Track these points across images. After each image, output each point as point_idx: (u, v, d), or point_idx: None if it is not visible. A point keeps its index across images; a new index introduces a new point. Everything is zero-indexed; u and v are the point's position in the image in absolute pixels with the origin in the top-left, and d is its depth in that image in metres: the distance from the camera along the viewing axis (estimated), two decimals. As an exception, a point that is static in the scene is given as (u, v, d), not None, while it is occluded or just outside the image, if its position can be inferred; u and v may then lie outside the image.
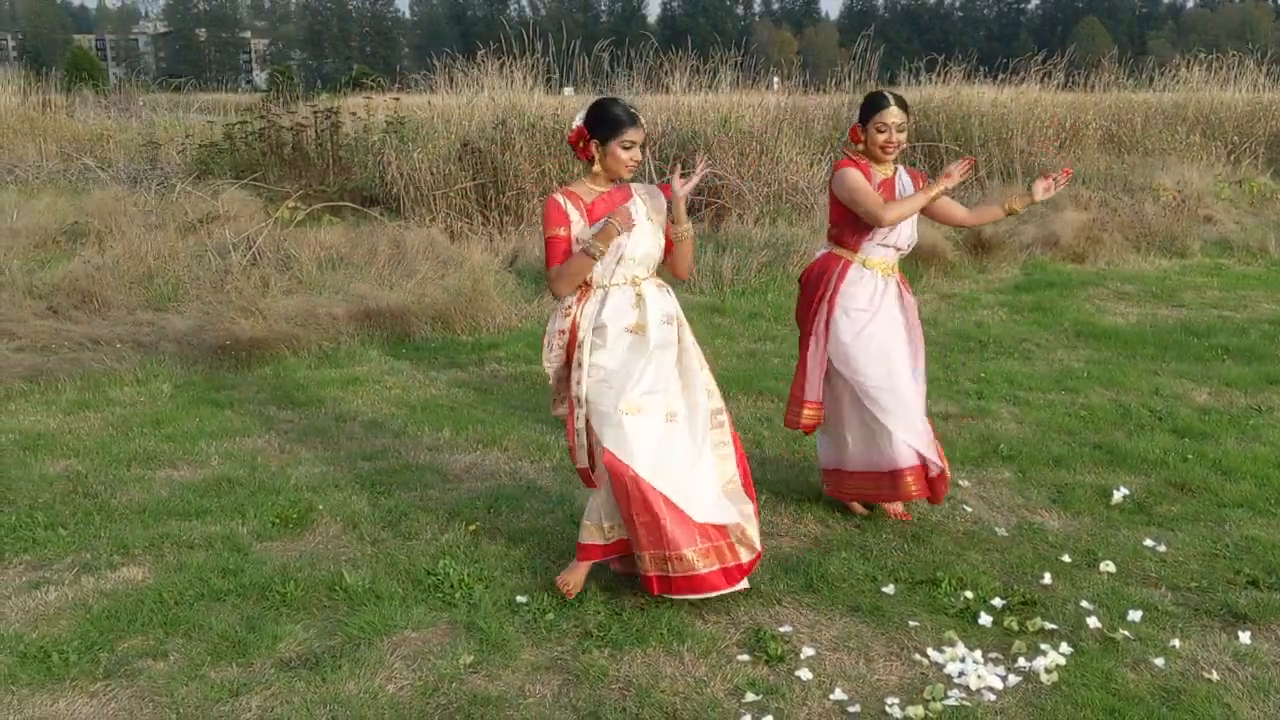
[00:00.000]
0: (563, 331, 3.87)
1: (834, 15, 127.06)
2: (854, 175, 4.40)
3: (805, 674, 3.44)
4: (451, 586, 3.98)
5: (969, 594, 3.95)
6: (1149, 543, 4.40)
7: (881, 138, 4.40)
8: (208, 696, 3.29)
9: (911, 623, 3.78)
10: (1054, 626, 3.73)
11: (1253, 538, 4.43)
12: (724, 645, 3.63)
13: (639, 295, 3.85)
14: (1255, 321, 8.36)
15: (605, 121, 3.76)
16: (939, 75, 16.06)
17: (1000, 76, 16.29)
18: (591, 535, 3.91)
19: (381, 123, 13.30)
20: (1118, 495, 4.88)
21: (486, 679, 3.42)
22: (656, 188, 4.00)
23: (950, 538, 4.50)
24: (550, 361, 3.92)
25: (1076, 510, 4.79)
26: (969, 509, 4.81)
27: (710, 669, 3.48)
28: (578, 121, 3.81)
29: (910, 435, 4.50)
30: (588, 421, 3.81)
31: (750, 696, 3.32)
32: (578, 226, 3.79)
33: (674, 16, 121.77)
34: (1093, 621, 3.73)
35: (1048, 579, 4.08)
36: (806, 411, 4.63)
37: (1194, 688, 3.34)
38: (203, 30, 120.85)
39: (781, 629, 3.74)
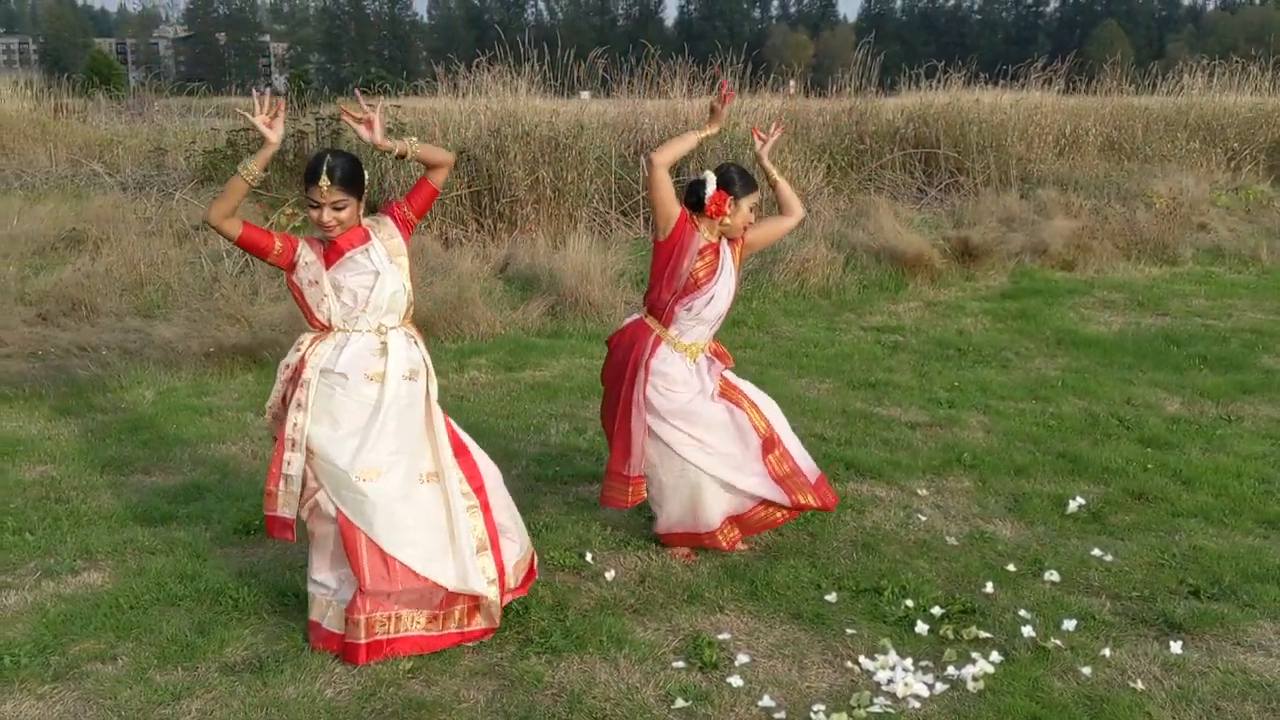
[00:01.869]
0: (289, 366, 3.68)
1: (851, 18, 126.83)
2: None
3: (736, 680, 3.51)
4: (402, 592, 4.05)
5: (910, 602, 4.01)
6: (1097, 552, 4.45)
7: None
8: (150, 699, 3.37)
9: (849, 630, 3.84)
10: (988, 635, 3.78)
11: (1201, 548, 4.47)
12: (661, 652, 3.70)
13: (383, 344, 3.67)
14: (1237, 330, 8.38)
15: (305, 172, 3.60)
16: (940, 81, 16.07)
17: (1001, 82, 16.31)
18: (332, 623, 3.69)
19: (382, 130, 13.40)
20: (1073, 505, 4.93)
21: (424, 684, 3.50)
22: (387, 218, 3.75)
23: (900, 546, 4.56)
24: (272, 396, 3.74)
25: (1030, 519, 4.84)
26: (923, 517, 4.86)
27: (644, 675, 3.55)
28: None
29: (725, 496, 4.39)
30: (305, 471, 3.60)
31: (680, 703, 3.38)
32: (308, 264, 3.62)
33: (690, 20, 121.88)
34: (1027, 630, 3.79)
35: (990, 588, 4.14)
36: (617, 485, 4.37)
37: (1118, 696, 3.39)
38: (222, 34, 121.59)
39: (720, 636, 3.80)
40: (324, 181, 3.51)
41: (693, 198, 4.28)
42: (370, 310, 3.66)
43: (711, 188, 4.23)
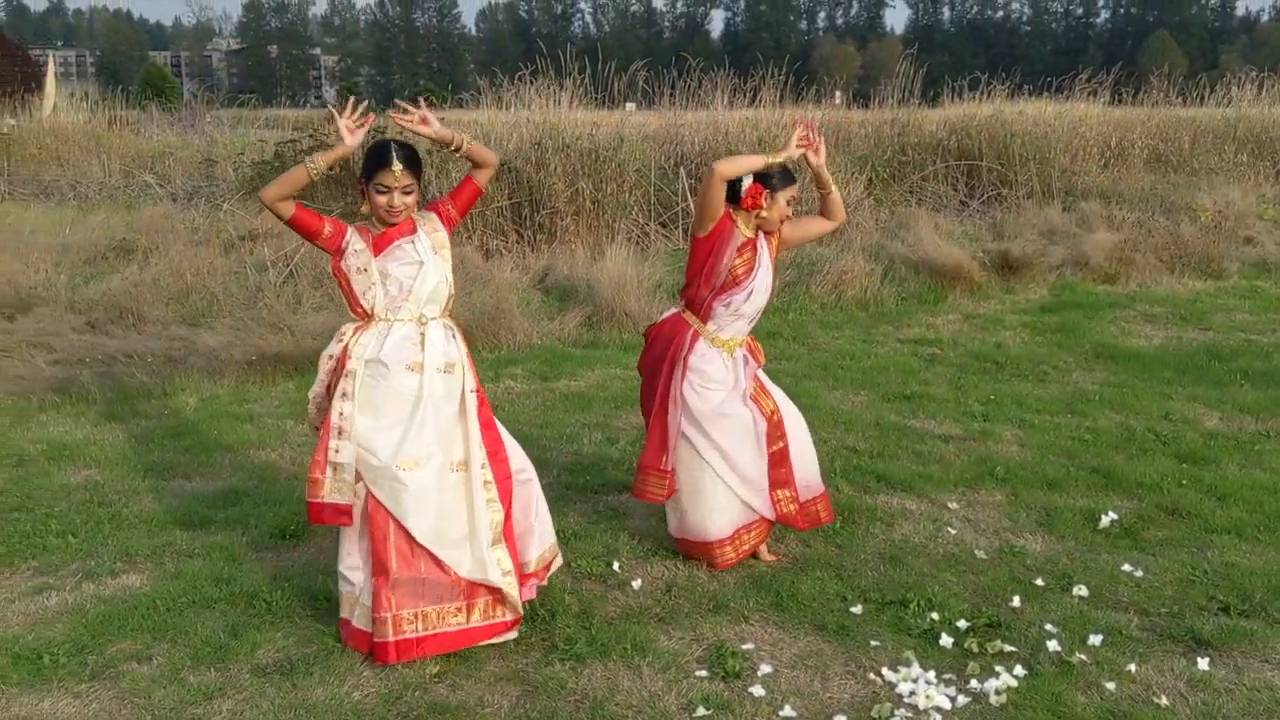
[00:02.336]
0: (332, 357, 3.77)
1: (899, 30, 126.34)
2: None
3: (758, 690, 3.53)
4: (431, 598, 4.12)
5: (935, 615, 4.00)
6: (1127, 567, 4.42)
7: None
8: (183, 699, 3.45)
9: (873, 643, 3.85)
10: (1013, 649, 3.77)
11: (1232, 564, 4.43)
12: (684, 661, 3.73)
13: (423, 335, 3.75)
14: (1281, 345, 8.27)
15: (367, 161, 3.69)
16: (983, 93, 16.00)
17: (1046, 93, 16.21)
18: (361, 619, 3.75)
19: (426, 142, 13.57)
20: (1105, 519, 4.90)
21: (449, 689, 3.55)
22: (432, 213, 3.86)
23: (928, 559, 4.56)
24: (315, 386, 3.83)
25: (1061, 534, 4.82)
26: (952, 531, 4.85)
27: (667, 684, 3.58)
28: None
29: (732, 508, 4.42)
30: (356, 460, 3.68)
31: (701, 711, 3.41)
32: (358, 251, 3.71)
33: (737, 33, 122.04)
34: (1053, 645, 3.77)
35: (1016, 602, 4.13)
36: (653, 479, 4.41)
37: (1141, 712, 3.38)
38: (274, 47, 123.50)
39: (744, 646, 3.82)
40: (396, 166, 3.61)
41: (729, 191, 4.29)
42: (412, 300, 3.74)
43: (748, 180, 4.25)
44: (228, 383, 7.14)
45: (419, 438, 3.68)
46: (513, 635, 3.83)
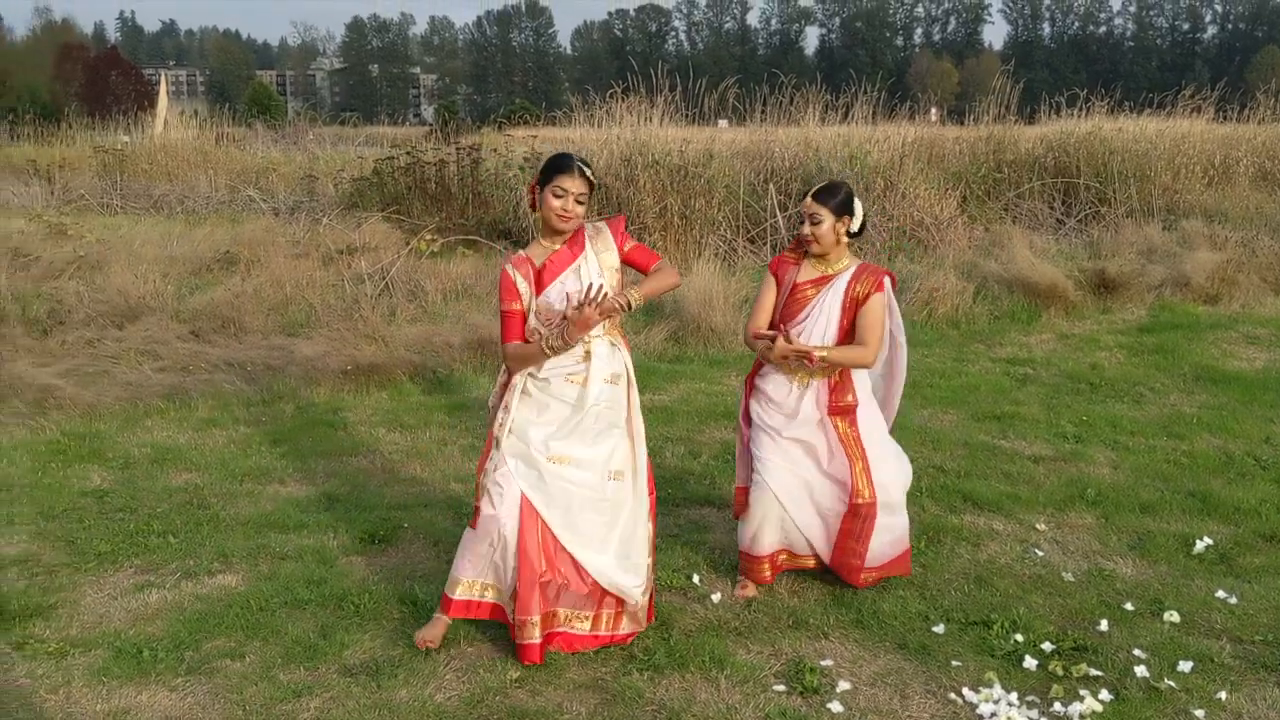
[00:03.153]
0: (503, 384, 3.89)
1: (998, 46, 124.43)
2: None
3: (837, 706, 3.52)
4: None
5: (1020, 637, 3.95)
6: (1221, 594, 4.30)
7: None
8: (273, 696, 3.57)
9: (955, 663, 3.81)
10: (1099, 673, 3.71)
11: (1334, 594, 4.29)
12: (762, 675, 3.74)
13: (587, 353, 3.79)
14: (1394, 369, 7.96)
15: (548, 166, 3.78)
16: (1082, 110, 15.71)
17: (1148, 110, 15.84)
18: (464, 592, 3.87)
19: (519, 158, 13.81)
20: (1200, 545, 4.78)
21: (529, 694, 3.61)
22: (604, 224, 3.94)
23: (1014, 581, 4.49)
24: (491, 395, 3.96)
25: (1154, 558, 4.71)
26: (1040, 553, 4.78)
27: (744, 697, 3.59)
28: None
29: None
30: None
31: (778, 725, 3.42)
32: (527, 298, 3.78)
33: (832, 49, 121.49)
34: (1141, 670, 3.70)
35: (1104, 626, 4.05)
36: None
37: (1232, 742, 3.29)
38: (375, 66, 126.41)
39: (823, 662, 3.82)
40: (576, 173, 3.72)
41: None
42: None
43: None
44: (323, 391, 7.33)
45: (571, 438, 3.77)
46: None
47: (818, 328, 4.24)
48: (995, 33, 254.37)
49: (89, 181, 18.52)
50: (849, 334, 4.24)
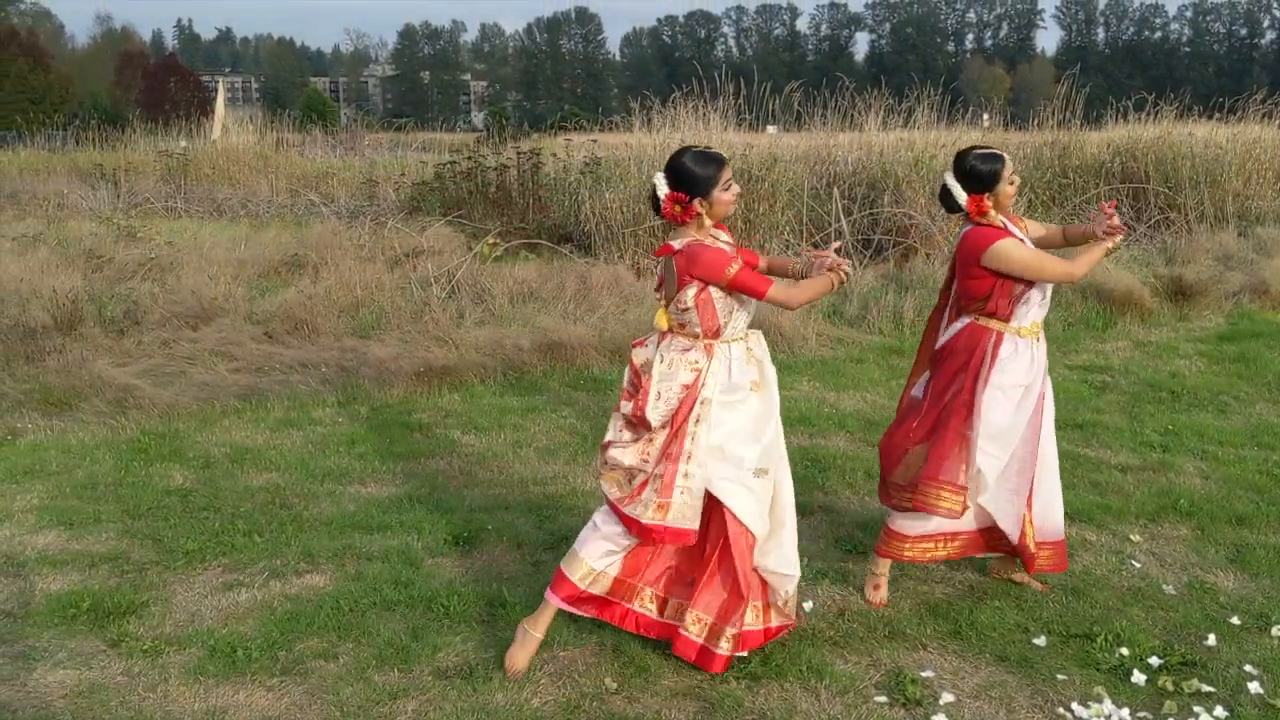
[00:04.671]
0: (686, 386, 3.61)
1: (1050, 51, 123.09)
2: (1014, 246, 4.08)
3: (941, 719, 3.44)
4: (602, 610, 4.15)
5: (1124, 651, 3.85)
6: (1330, 610, 4.18)
7: (1012, 189, 4.18)
8: (369, 698, 3.55)
9: (1059, 676, 3.72)
10: (1211, 689, 3.60)
11: None
12: (862, 685, 3.67)
13: (748, 349, 3.72)
14: None
15: (703, 169, 3.63)
16: (1149, 114, 15.43)
17: (1216, 115, 15.54)
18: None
19: (579, 163, 13.81)
20: (1303, 558, 4.64)
21: (626, 700, 3.56)
22: (724, 233, 3.83)
23: (1112, 593, 4.38)
24: (658, 412, 3.62)
25: (1255, 571, 4.58)
26: (1137, 564, 4.66)
27: (845, 707, 3.52)
28: (664, 190, 3.64)
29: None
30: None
31: (883, 737, 3.35)
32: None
33: (882, 55, 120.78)
34: (1254, 687, 3.59)
35: (1212, 640, 3.94)
36: (947, 494, 4.16)
37: (1359, 764, 3.18)
38: (426, 73, 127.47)
39: (923, 674, 3.74)
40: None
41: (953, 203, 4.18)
42: (745, 311, 3.72)
43: (962, 197, 4.15)
44: (397, 393, 7.34)
45: (764, 444, 3.70)
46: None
47: None
48: (1047, 38, 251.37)
49: (153, 186, 18.80)
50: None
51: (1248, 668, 3.73)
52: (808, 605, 4.25)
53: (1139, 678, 3.67)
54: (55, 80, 61.14)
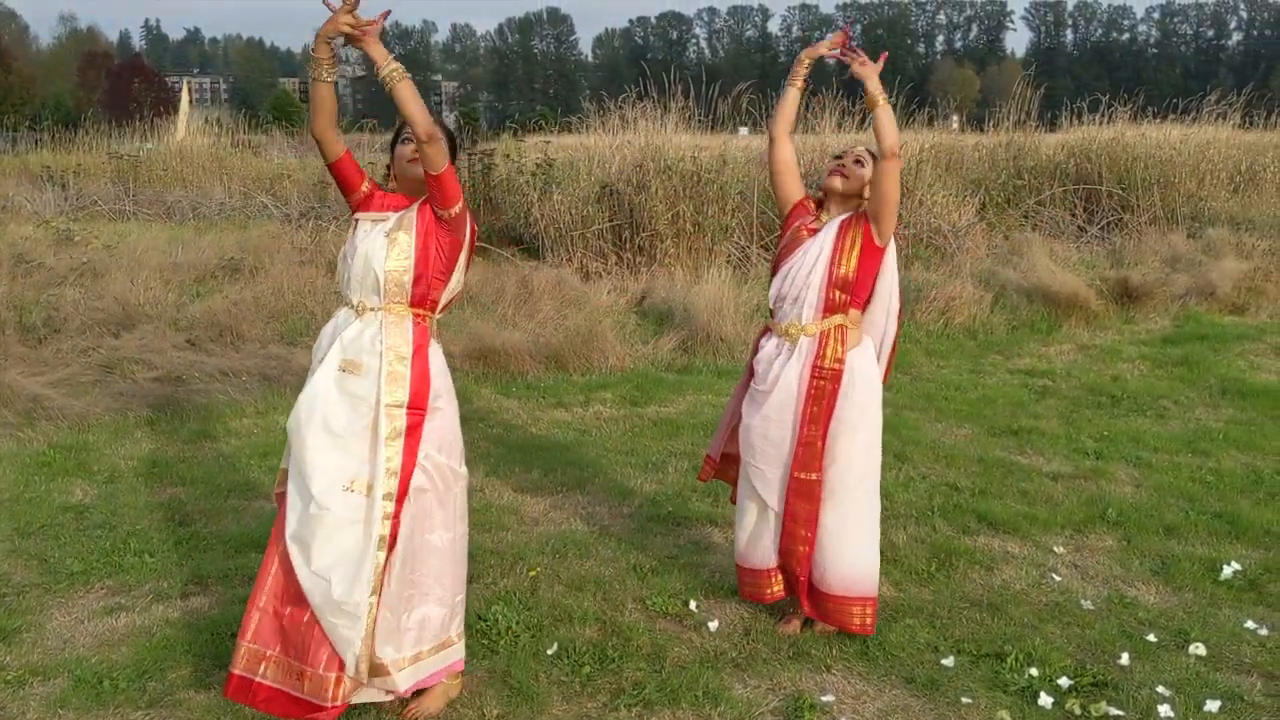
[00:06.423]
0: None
1: (1020, 53, 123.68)
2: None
3: (836, 747, 3.29)
4: (498, 634, 3.97)
5: (1035, 671, 3.70)
6: (1251, 625, 4.05)
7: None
8: (237, 731, 3.36)
9: (965, 699, 3.56)
10: (1120, 713, 3.46)
11: (1373, 626, 4.02)
12: (758, 712, 3.50)
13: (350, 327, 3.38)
14: None
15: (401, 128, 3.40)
16: (1104, 116, 15.40)
17: (1172, 116, 15.53)
18: None
19: (532, 165, 13.61)
20: (1228, 570, 4.52)
21: (509, 730, 3.39)
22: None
23: (1030, 608, 4.24)
24: None
25: (1178, 585, 4.45)
26: (1058, 578, 4.52)
27: (737, 736, 3.36)
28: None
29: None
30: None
31: (772, 768, 3.19)
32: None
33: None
34: (1164, 710, 3.45)
35: (1125, 659, 3.80)
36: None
37: (1264, 793, 3.04)
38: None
39: (824, 698, 3.58)
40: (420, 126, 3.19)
41: None
42: (350, 282, 3.35)
43: None
44: (319, 402, 7.11)
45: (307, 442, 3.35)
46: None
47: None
48: (1017, 40, 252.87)
49: (103, 188, 18.43)
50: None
51: (1160, 689, 3.60)
52: (713, 624, 4.08)
53: (1046, 700, 3.52)
54: (16, 81, 60.28)
